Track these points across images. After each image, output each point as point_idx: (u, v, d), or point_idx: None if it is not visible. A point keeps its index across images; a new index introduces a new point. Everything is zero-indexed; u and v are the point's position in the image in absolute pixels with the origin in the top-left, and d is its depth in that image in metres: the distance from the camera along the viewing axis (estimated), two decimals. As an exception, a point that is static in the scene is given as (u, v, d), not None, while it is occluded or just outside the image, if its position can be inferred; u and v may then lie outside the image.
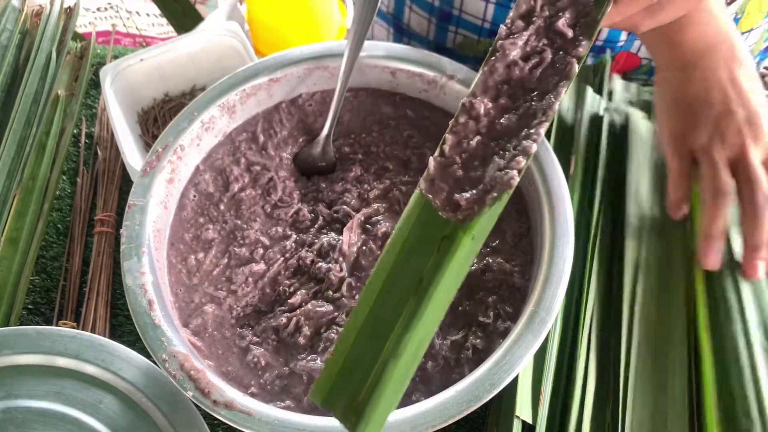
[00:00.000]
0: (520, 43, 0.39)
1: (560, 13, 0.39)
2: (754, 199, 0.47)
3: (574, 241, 0.45)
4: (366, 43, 0.54)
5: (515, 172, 0.35)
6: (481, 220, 0.35)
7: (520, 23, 0.39)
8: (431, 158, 0.38)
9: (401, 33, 0.81)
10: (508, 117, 0.38)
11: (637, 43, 0.67)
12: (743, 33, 0.67)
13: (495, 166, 0.36)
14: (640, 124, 0.59)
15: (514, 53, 0.39)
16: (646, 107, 0.62)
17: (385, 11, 0.80)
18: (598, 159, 0.57)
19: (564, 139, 0.58)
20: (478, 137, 0.38)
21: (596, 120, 0.59)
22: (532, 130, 0.36)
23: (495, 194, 0.35)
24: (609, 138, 0.58)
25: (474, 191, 0.36)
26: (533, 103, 0.37)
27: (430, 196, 0.37)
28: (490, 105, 0.38)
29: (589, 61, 0.69)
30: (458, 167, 0.37)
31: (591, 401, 0.46)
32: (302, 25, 0.89)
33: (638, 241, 0.52)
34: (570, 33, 0.38)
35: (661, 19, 0.43)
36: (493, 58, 0.39)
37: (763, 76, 0.80)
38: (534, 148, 0.36)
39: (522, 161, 0.35)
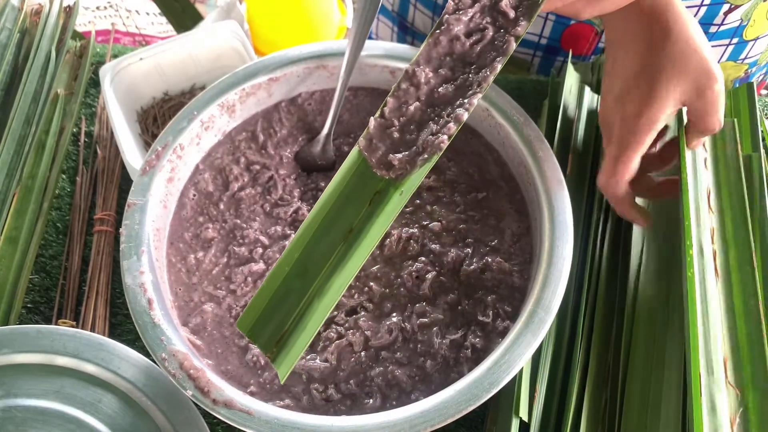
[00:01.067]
0: (465, 19, 0.41)
1: None
2: None
3: (574, 240, 0.46)
4: (366, 42, 0.54)
5: (445, 137, 0.38)
6: (411, 178, 0.39)
7: (467, 0, 0.41)
8: (372, 118, 0.41)
9: (405, 32, 0.81)
10: (446, 87, 0.41)
11: None
12: (749, 41, 0.67)
13: (429, 130, 0.40)
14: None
15: (458, 28, 0.41)
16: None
17: (390, 9, 0.80)
18: (599, 157, 0.57)
19: (564, 139, 0.58)
20: (417, 103, 0.41)
21: (594, 117, 0.59)
22: (465, 100, 0.39)
23: (426, 156, 0.39)
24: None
25: (407, 152, 0.39)
26: (470, 75, 0.40)
27: (367, 154, 0.41)
28: (431, 74, 0.41)
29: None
30: (395, 129, 0.41)
31: (588, 401, 0.46)
32: (302, 24, 0.90)
33: (643, 237, 0.53)
34: (512, 13, 0.40)
35: (603, 7, 0.43)
36: (438, 31, 0.41)
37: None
38: (465, 116, 0.39)
39: (453, 127, 0.39)
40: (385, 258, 0.49)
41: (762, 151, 0.56)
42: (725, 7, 0.62)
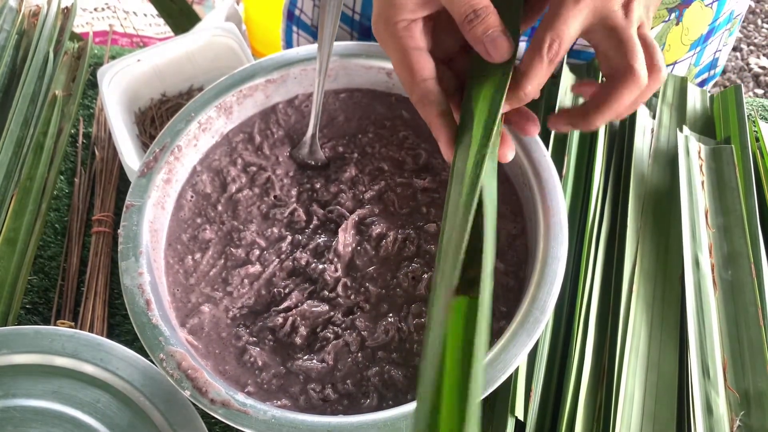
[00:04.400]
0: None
1: None
2: None
3: (569, 240, 0.46)
4: (363, 44, 0.55)
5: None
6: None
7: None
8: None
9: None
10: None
11: None
12: (667, 66, 0.67)
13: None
14: (645, 120, 0.60)
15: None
16: (648, 104, 0.63)
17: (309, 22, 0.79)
18: (594, 159, 0.57)
19: (560, 140, 0.58)
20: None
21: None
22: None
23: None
24: (607, 137, 0.59)
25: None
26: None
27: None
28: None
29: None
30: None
31: (584, 400, 0.46)
32: (299, 25, 0.89)
33: (638, 236, 0.53)
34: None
35: None
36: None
37: (756, 76, 0.81)
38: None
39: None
40: (381, 259, 0.49)
41: (751, 153, 0.57)
42: None
